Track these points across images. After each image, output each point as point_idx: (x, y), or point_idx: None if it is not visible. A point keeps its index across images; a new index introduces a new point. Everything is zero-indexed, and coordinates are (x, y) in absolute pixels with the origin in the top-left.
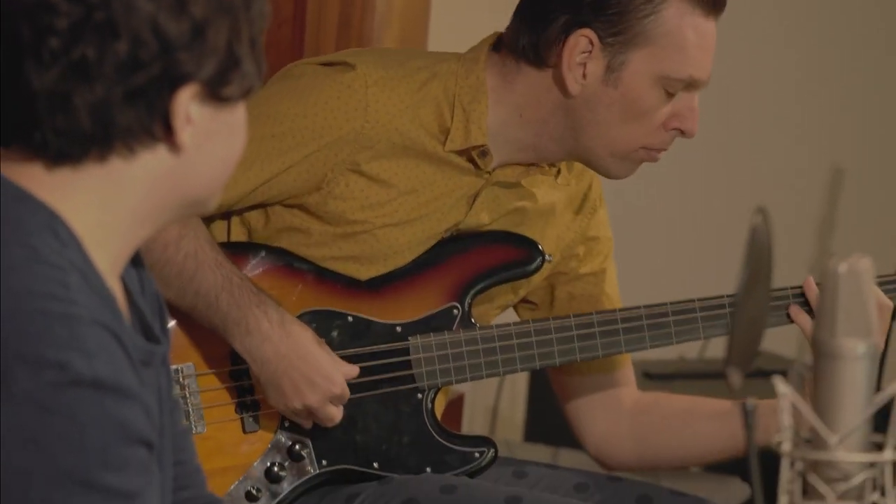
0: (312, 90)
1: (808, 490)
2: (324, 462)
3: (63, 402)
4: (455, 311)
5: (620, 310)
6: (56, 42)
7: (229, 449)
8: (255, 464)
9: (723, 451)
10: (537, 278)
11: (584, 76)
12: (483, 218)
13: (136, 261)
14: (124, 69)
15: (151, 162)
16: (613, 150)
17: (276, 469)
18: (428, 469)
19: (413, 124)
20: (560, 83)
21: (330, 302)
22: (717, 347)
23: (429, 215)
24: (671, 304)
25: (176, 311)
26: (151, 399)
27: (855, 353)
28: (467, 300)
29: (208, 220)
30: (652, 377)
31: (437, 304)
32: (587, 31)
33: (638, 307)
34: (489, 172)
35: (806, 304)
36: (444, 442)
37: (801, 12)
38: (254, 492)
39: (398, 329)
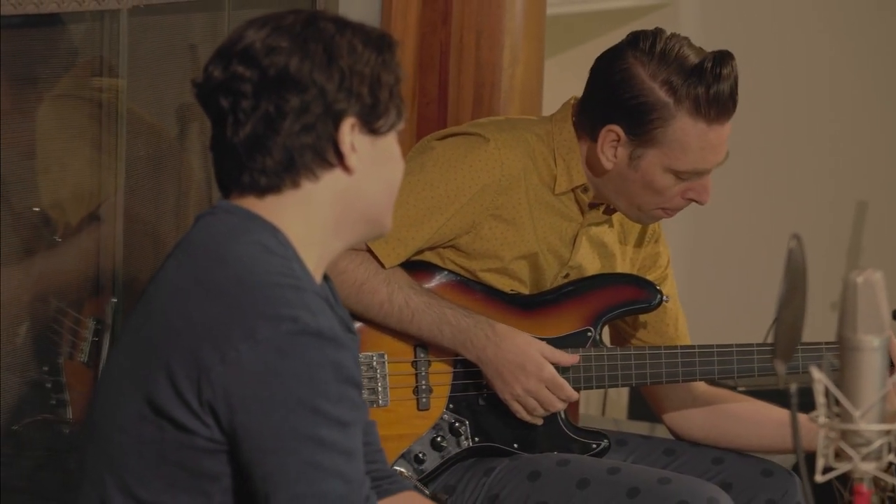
0: (457, 157)
1: (839, 454)
2: (476, 439)
3: (296, 346)
4: (589, 334)
5: (718, 345)
6: (247, 103)
7: (405, 420)
8: (424, 434)
9: (782, 449)
10: None
11: (616, 156)
12: (585, 253)
13: (326, 277)
14: (297, 113)
15: (332, 182)
16: (640, 209)
17: (439, 440)
18: (555, 453)
19: (532, 175)
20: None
21: (493, 316)
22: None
23: (545, 252)
24: (756, 345)
25: None
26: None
27: (872, 345)
28: (599, 326)
29: None
30: None
31: (575, 326)
32: (615, 127)
33: (730, 344)
34: (583, 216)
35: None
36: (570, 433)
37: (832, 63)
38: (421, 456)
39: None
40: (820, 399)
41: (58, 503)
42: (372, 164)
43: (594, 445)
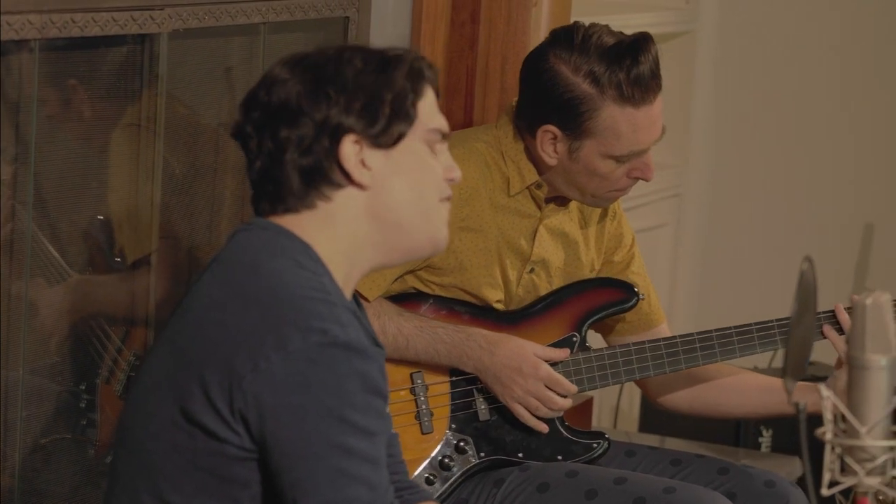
0: None
1: (844, 468)
2: (482, 454)
3: (325, 357)
4: (574, 339)
5: (698, 332)
6: (253, 143)
7: (412, 446)
8: (432, 456)
9: (764, 414)
10: None
11: (556, 152)
12: (546, 246)
13: (355, 298)
14: (295, 141)
15: (348, 200)
16: (593, 195)
17: (446, 460)
18: (559, 457)
19: (487, 183)
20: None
21: None
22: (781, 359)
23: (506, 251)
24: (735, 327)
25: None
26: None
27: (879, 364)
28: (583, 330)
29: None
30: None
31: (561, 333)
32: (550, 127)
33: (710, 331)
34: (540, 210)
35: (836, 324)
36: (570, 437)
37: (845, 90)
38: (431, 478)
39: None
40: (827, 416)
41: None
42: (393, 176)
43: (594, 445)
